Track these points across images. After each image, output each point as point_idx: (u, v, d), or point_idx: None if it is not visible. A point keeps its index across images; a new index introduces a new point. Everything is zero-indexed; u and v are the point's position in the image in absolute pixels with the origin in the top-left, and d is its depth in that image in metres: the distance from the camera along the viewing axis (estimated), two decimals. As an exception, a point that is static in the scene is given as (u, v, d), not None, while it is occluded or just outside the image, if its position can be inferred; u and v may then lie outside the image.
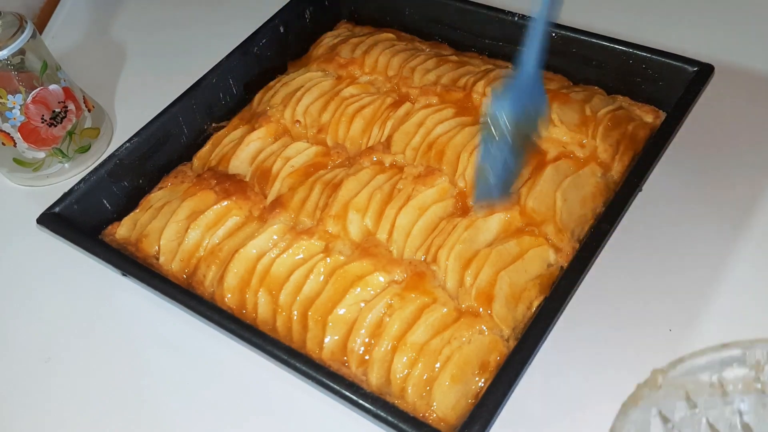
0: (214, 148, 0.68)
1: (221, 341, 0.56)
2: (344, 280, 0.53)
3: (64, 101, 0.71)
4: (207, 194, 0.61)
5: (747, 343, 0.41)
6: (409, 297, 0.52)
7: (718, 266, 0.57)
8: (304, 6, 0.77)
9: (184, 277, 0.59)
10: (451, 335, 0.50)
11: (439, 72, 0.68)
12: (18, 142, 0.70)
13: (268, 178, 0.62)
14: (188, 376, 0.57)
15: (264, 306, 0.55)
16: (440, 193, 0.58)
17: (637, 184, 0.54)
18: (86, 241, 0.59)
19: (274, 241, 0.57)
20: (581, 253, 0.51)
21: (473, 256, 0.53)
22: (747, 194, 0.61)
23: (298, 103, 0.68)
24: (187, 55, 0.85)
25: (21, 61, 0.67)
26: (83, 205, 0.62)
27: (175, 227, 0.60)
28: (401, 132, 0.63)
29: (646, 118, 0.63)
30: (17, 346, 0.62)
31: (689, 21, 0.78)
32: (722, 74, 0.63)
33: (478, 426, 0.43)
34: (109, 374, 0.58)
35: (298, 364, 0.48)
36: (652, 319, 0.55)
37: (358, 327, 0.51)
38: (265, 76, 0.74)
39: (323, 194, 0.60)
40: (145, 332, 0.61)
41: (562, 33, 0.66)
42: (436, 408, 0.48)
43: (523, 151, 0.51)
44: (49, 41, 0.88)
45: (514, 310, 0.52)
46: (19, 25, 0.66)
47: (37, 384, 0.59)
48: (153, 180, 0.67)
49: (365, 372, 0.50)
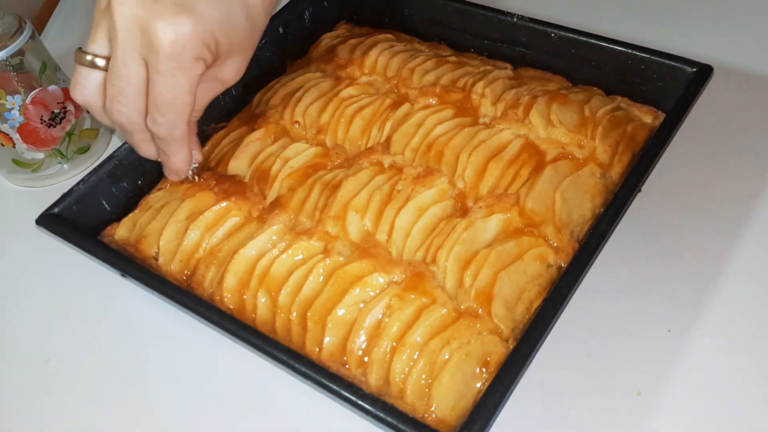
0: (213, 148, 0.68)
1: (220, 342, 0.56)
2: (343, 281, 0.53)
3: (63, 102, 0.71)
4: (206, 195, 0.61)
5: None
6: (408, 298, 0.52)
7: (718, 266, 0.57)
8: (303, 7, 0.77)
9: (184, 277, 0.59)
10: (450, 336, 0.50)
11: (439, 73, 0.68)
12: (17, 142, 0.70)
13: (268, 179, 0.62)
14: (188, 377, 0.57)
15: (263, 307, 0.55)
16: (439, 193, 0.58)
17: (636, 184, 0.54)
18: (85, 242, 0.59)
19: (273, 242, 0.57)
20: (581, 253, 0.51)
21: (472, 256, 0.53)
22: (747, 194, 0.61)
23: (297, 104, 0.68)
24: (186, 56, 0.85)
25: (20, 61, 0.67)
26: (82, 205, 0.62)
27: (174, 228, 0.60)
28: (400, 133, 0.63)
29: (646, 118, 0.63)
30: (17, 346, 0.62)
31: (689, 21, 0.78)
32: (722, 74, 0.63)
33: (478, 426, 0.43)
34: (108, 374, 0.58)
35: (298, 365, 0.48)
36: (651, 319, 0.55)
37: (358, 328, 0.51)
38: (264, 76, 0.74)
39: (322, 195, 0.60)
40: (145, 333, 0.61)
41: (562, 33, 0.66)
42: (435, 409, 0.48)
43: None
44: (48, 42, 0.88)
45: (514, 310, 0.52)
46: (18, 25, 0.66)
47: (37, 384, 0.59)
48: (152, 181, 0.67)
49: (364, 373, 0.50)
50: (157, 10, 0.43)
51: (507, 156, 0.60)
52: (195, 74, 0.46)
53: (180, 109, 0.47)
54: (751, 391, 0.50)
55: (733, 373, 0.51)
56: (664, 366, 0.52)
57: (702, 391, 0.51)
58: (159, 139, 0.51)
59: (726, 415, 0.49)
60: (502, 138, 0.61)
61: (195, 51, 0.45)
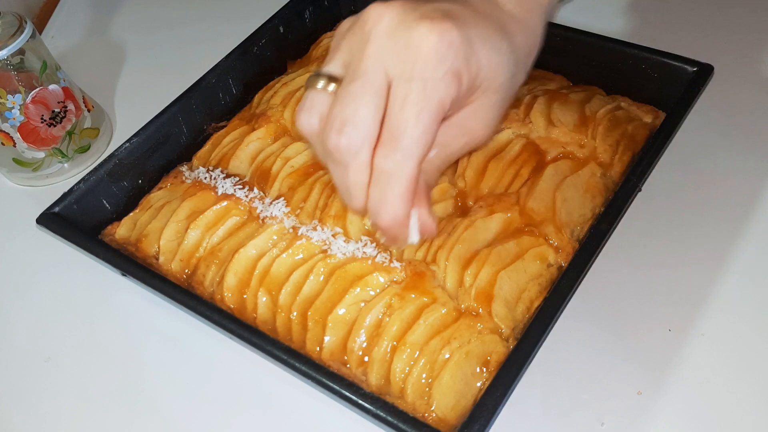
0: (214, 148, 0.68)
1: (221, 341, 0.56)
2: (344, 280, 0.53)
3: (63, 101, 0.71)
4: (207, 194, 0.61)
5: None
6: (408, 297, 0.52)
7: (719, 266, 0.57)
8: (303, 6, 0.77)
9: (184, 277, 0.59)
10: (450, 335, 0.50)
11: (439, 72, 0.68)
12: (17, 142, 0.70)
13: (268, 178, 0.62)
14: (187, 376, 0.57)
15: (264, 306, 0.55)
16: (440, 193, 0.58)
17: (636, 184, 0.54)
18: (86, 241, 0.59)
19: (273, 242, 0.57)
20: (581, 252, 0.51)
21: (473, 256, 0.53)
22: (747, 194, 0.61)
23: (297, 104, 0.68)
24: (186, 55, 0.85)
25: (20, 61, 0.67)
26: (83, 205, 0.62)
27: (174, 227, 0.60)
28: (401, 132, 0.63)
29: (646, 118, 0.63)
30: (17, 346, 0.62)
31: (689, 21, 0.78)
32: (722, 74, 0.63)
33: (478, 426, 0.43)
34: (109, 374, 0.58)
35: (298, 364, 0.48)
36: (651, 319, 0.55)
37: (358, 327, 0.51)
38: (264, 76, 0.74)
39: (323, 194, 0.60)
40: (145, 332, 0.61)
41: (562, 33, 0.66)
42: (435, 408, 0.48)
43: None
44: (48, 41, 0.88)
45: (514, 309, 0.52)
46: (18, 25, 0.66)
47: (37, 383, 0.59)
48: (153, 180, 0.67)
49: (365, 372, 0.50)
50: (422, 14, 0.38)
51: (507, 156, 0.60)
52: (446, 94, 0.37)
53: (419, 135, 0.37)
54: (751, 391, 0.50)
55: (733, 373, 0.51)
56: (664, 366, 0.52)
57: (702, 391, 0.51)
58: (378, 181, 0.39)
59: (726, 415, 0.49)
60: (502, 138, 0.61)
61: (455, 62, 0.37)
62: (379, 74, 0.38)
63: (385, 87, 0.38)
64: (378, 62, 0.38)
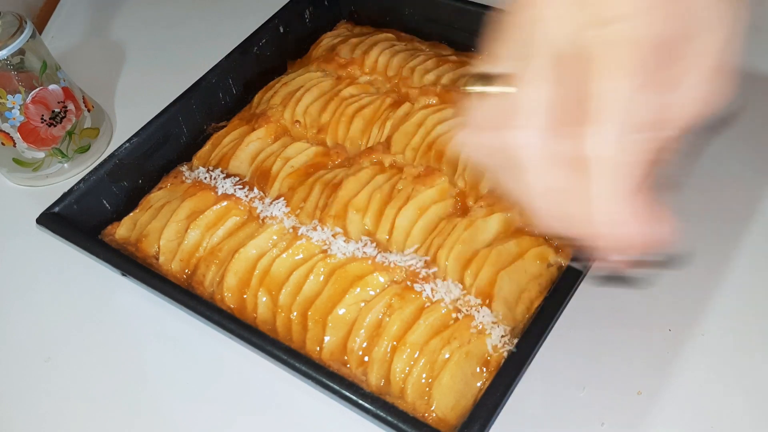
0: (214, 148, 0.68)
1: (221, 341, 0.56)
2: (344, 280, 0.53)
3: (63, 101, 0.71)
4: (207, 194, 0.61)
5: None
6: (408, 297, 0.52)
7: (719, 266, 0.57)
8: (303, 6, 0.77)
9: (184, 277, 0.59)
10: (450, 335, 0.50)
11: (439, 72, 0.68)
12: (17, 142, 0.70)
13: (268, 178, 0.62)
14: (188, 376, 0.57)
15: (264, 306, 0.55)
16: (440, 193, 0.58)
17: (636, 184, 0.54)
18: (86, 241, 0.59)
19: (273, 242, 0.57)
20: (581, 252, 0.51)
21: (473, 256, 0.53)
22: (747, 194, 0.61)
23: (297, 104, 0.68)
24: (186, 55, 0.85)
25: (20, 61, 0.67)
26: (83, 205, 0.62)
27: (174, 227, 0.60)
28: (401, 132, 0.63)
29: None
30: (17, 346, 0.62)
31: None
32: (722, 74, 0.63)
33: (478, 426, 0.43)
34: (108, 374, 0.58)
35: (298, 364, 0.48)
36: (652, 319, 0.55)
37: (358, 327, 0.51)
38: (264, 76, 0.74)
39: (323, 194, 0.60)
40: (145, 332, 0.61)
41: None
42: (435, 408, 0.48)
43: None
44: (48, 41, 0.88)
45: (514, 309, 0.52)
46: (18, 25, 0.66)
47: (37, 383, 0.59)
48: (153, 180, 0.67)
49: (365, 372, 0.50)
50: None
51: (507, 155, 0.60)
52: (642, 68, 0.29)
53: (620, 106, 0.29)
54: (751, 390, 0.50)
55: (733, 373, 0.51)
56: (664, 366, 0.52)
57: (702, 391, 0.51)
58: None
59: (726, 415, 0.49)
60: (502, 137, 0.61)
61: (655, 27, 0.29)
62: (547, 62, 0.32)
63: (555, 70, 0.31)
64: (546, 54, 0.32)
